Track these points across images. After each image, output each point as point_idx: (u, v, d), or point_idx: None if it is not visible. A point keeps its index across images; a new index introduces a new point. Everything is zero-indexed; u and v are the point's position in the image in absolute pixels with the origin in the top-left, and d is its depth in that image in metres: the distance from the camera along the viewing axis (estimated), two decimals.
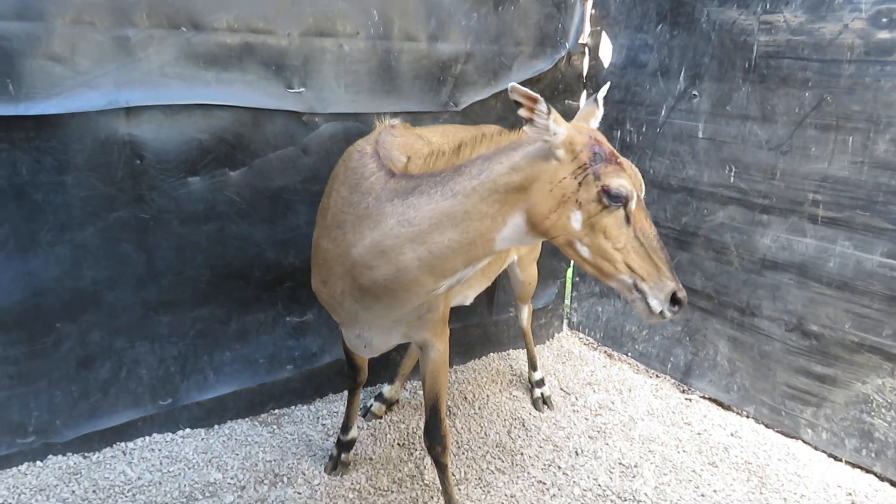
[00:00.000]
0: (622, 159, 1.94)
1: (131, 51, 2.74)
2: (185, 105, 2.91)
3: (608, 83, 2.57)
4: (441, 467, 2.73)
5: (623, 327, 4.39)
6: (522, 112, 1.87)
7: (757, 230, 3.47)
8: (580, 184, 1.88)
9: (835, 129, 3.07)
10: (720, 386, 3.81)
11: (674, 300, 1.90)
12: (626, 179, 1.88)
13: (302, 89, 3.17)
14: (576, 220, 1.91)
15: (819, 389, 3.32)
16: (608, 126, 4.19)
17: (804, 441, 3.43)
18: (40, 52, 2.57)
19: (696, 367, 3.94)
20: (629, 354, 4.37)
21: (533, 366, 3.86)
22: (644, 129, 3.97)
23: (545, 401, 3.77)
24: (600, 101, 2.29)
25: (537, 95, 1.85)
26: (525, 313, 3.81)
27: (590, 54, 4.24)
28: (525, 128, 1.91)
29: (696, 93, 3.64)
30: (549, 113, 1.86)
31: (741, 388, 3.70)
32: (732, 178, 3.54)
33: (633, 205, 1.89)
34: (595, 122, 2.24)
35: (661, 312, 1.92)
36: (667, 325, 4.09)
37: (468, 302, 3.18)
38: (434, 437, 2.66)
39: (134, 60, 2.76)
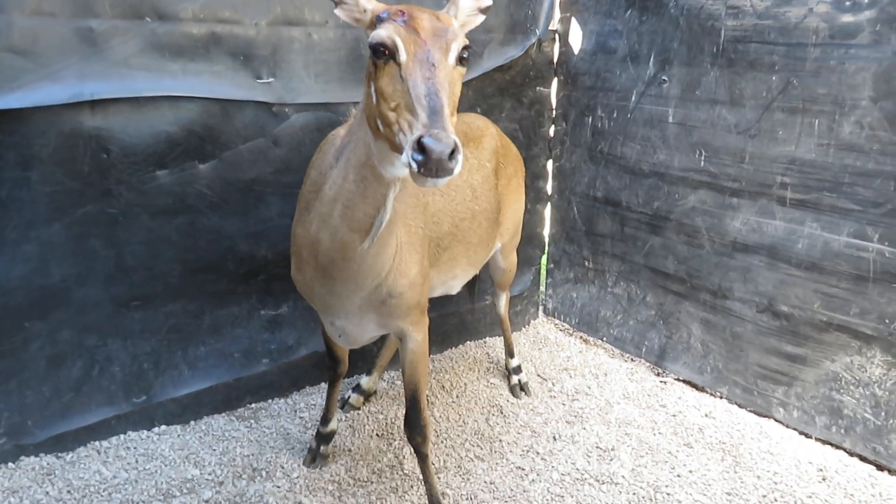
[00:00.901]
0: (419, 16, 1.71)
1: (94, 42, 2.68)
2: (151, 97, 2.86)
3: None
4: (422, 457, 2.73)
5: (598, 312, 4.42)
6: None
7: (727, 213, 3.51)
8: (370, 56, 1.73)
9: (801, 112, 3.12)
10: (694, 368, 3.86)
11: (420, 148, 1.48)
12: (385, 30, 1.67)
13: (271, 79, 3.13)
14: (372, 95, 1.74)
15: (790, 369, 3.39)
16: (580, 112, 4.20)
17: (776, 420, 3.50)
18: (0, 44, 2.51)
19: (670, 350, 3.99)
20: (604, 339, 4.41)
21: (510, 353, 3.88)
22: (615, 115, 3.99)
23: (522, 387, 3.79)
24: None
25: None
26: (503, 300, 3.82)
27: (560, 40, 4.25)
28: (336, 10, 1.83)
29: (666, 78, 3.66)
30: None
31: (714, 370, 3.75)
32: (703, 163, 3.57)
33: (401, 56, 1.65)
34: (460, 11, 1.98)
35: (410, 165, 1.52)
36: (640, 310, 4.12)
37: (454, 292, 3.16)
38: (414, 427, 2.65)
39: (98, 52, 2.70)
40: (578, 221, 4.40)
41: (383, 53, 1.67)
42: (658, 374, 4.02)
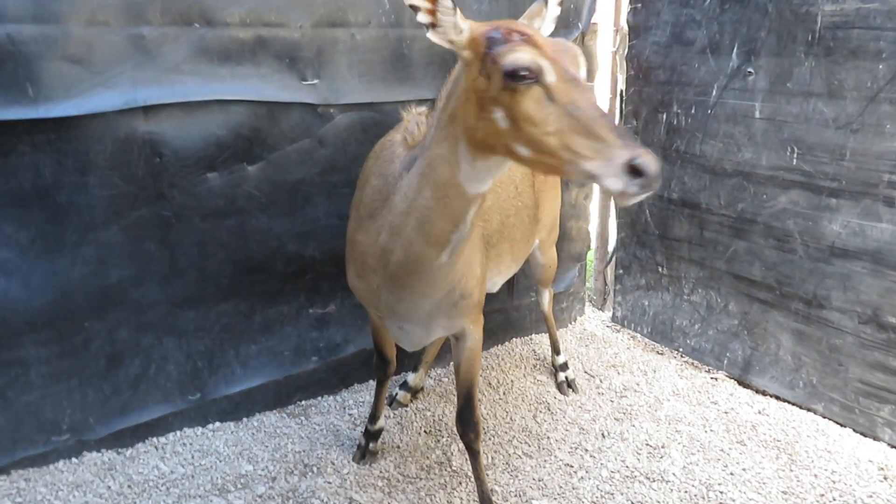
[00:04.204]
0: (534, 34, 1.69)
1: (146, 49, 2.76)
2: (201, 101, 2.92)
3: None
4: (473, 454, 2.73)
5: (673, 321, 4.19)
6: (422, 17, 1.70)
7: (824, 215, 3.26)
8: (488, 77, 1.67)
9: None
10: (784, 382, 3.61)
11: (633, 171, 1.48)
12: (524, 52, 1.62)
13: (316, 81, 3.17)
14: (500, 120, 1.68)
15: None
16: (653, 108, 3.99)
17: (885, 441, 3.23)
18: (57, 54, 2.60)
19: (755, 363, 3.74)
20: (680, 350, 4.16)
21: (556, 350, 3.86)
22: (693, 111, 3.77)
23: (570, 384, 3.77)
24: None
25: None
26: (546, 297, 3.80)
27: (631, 33, 4.09)
28: (429, 34, 1.74)
29: (752, 70, 3.44)
30: (454, 9, 1.70)
31: (808, 385, 3.49)
32: (795, 161, 3.33)
33: (549, 77, 1.61)
34: (545, 23, 2.02)
35: (624, 192, 1.51)
36: (721, 319, 3.91)
37: (495, 289, 3.15)
38: (467, 424, 2.64)
39: (149, 59, 2.77)
40: (651, 225, 4.18)
41: (523, 77, 1.60)
42: (708, 371, 3.95)
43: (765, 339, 3.68)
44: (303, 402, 3.57)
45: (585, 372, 3.96)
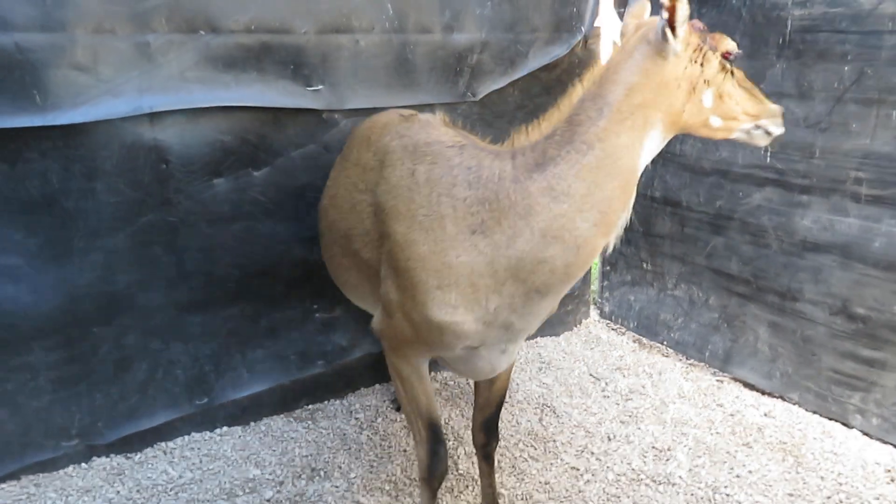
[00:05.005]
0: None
1: (152, 57, 2.78)
2: (206, 108, 2.94)
3: None
4: (491, 462, 2.70)
5: (657, 315, 4.31)
6: (673, 18, 1.88)
7: (796, 211, 3.38)
8: (702, 64, 1.98)
9: (877, 104, 2.98)
10: (762, 372, 3.72)
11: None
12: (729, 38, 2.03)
13: (320, 87, 3.19)
14: (707, 99, 2.00)
15: (868, 374, 3.22)
16: None
17: (854, 427, 3.32)
18: (64, 62, 2.62)
19: (735, 354, 3.85)
20: (664, 343, 4.30)
21: None
22: None
23: None
24: None
25: None
26: None
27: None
28: (668, 34, 1.89)
29: None
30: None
31: (784, 375, 3.60)
32: (769, 159, 3.45)
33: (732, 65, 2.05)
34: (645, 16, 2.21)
35: (781, 133, 2.14)
36: (702, 313, 4.00)
37: None
38: (493, 433, 2.61)
39: (155, 66, 2.80)
40: (635, 222, 4.30)
41: (733, 59, 2.03)
42: (714, 374, 3.95)
43: (743, 332, 3.79)
44: (310, 407, 3.59)
45: (591, 375, 3.96)
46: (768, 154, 3.44)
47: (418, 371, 2.35)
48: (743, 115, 2.06)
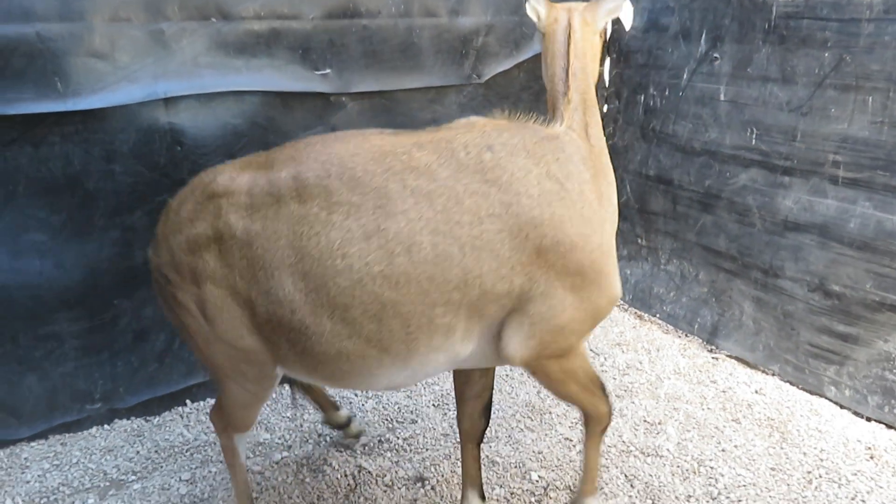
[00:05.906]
0: None
1: (166, 44, 2.91)
2: (218, 92, 3.08)
3: None
4: (481, 445, 2.70)
5: (651, 289, 4.46)
6: None
7: (779, 192, 3.50)
8: (600, 36, 2.52)
9: (854, 90, 3.06)
10: (746, 345, 3.88)
11: None
12: None
13: (328, 71, 3.30)
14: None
15: (842, 348, 3.37)
16: (632, 90, 4.21)
17: (827, 398, 3.49)
18: (83, 50, 2.77)
19: (722, 328, 4.01)
20: (658, 316, 4.46)
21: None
22: (667, 93, 3.99)
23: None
24: None
25: None
26: None
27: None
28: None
29: (718, 55, 3.64)
30: None
31: (766, 348, 3.76)
32: (754, 141, 3.55)
33: None
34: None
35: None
36: (693, 287, 4.17)
37: None
38: (489, 415, 2.63)
39: (169, 53, 2.93)
40: (631, 199, 4.44)
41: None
42: (710, 351, 4.05)
43: (730, 306, 3.94)
44: None
45: (590, 350, 4.09)
46: (754, 136, 3.54)
47: (583, 350, 2.35)
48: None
